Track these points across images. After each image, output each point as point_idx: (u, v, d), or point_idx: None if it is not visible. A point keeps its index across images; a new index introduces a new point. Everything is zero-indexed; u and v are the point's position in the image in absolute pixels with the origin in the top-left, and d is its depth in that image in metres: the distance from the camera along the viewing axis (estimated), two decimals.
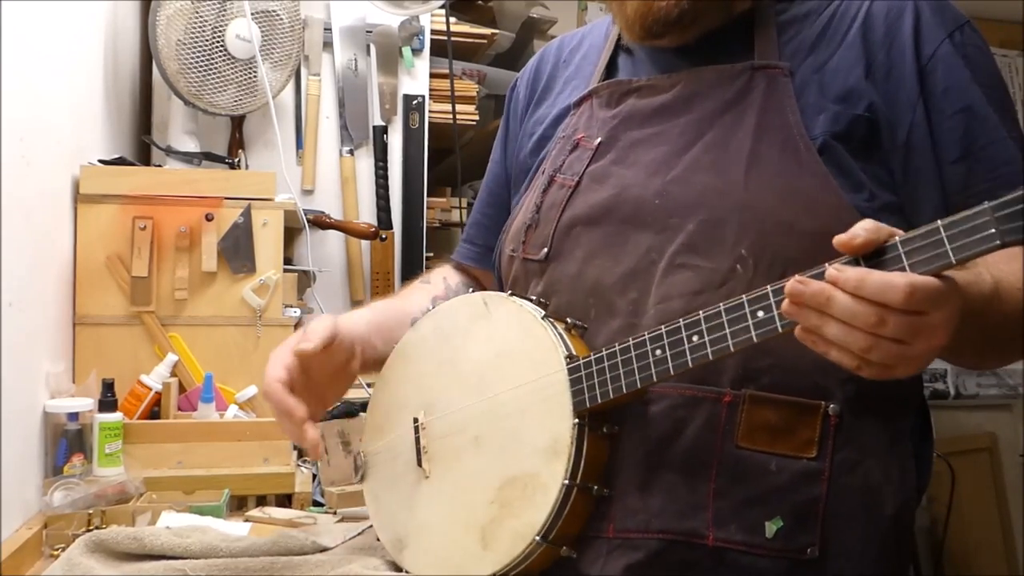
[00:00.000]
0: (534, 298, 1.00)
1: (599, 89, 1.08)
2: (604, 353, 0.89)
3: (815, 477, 0.88)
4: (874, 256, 0.73)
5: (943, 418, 3.28)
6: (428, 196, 2.28)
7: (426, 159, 2.25)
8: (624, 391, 0.87)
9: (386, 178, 2.20)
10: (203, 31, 1.89)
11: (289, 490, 1.53)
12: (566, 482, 0.88)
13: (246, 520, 1.39)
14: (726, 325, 0.80)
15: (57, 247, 1.57)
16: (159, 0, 1.86)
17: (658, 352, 0.85)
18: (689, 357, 0.83)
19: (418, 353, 1.09)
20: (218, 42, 1.90)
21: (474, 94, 2.36)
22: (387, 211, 2.20)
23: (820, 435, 0.88)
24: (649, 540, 0.90)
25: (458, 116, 2.26)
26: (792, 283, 0.73)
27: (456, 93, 2.26)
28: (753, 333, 0.78)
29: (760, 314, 0.78)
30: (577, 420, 0.89)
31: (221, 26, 1.89)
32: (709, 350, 0.81)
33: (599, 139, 1.04)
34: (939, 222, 0.70)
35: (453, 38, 2.25)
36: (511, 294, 1.01)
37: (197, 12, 1.88)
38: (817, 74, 0.95)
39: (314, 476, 1.61)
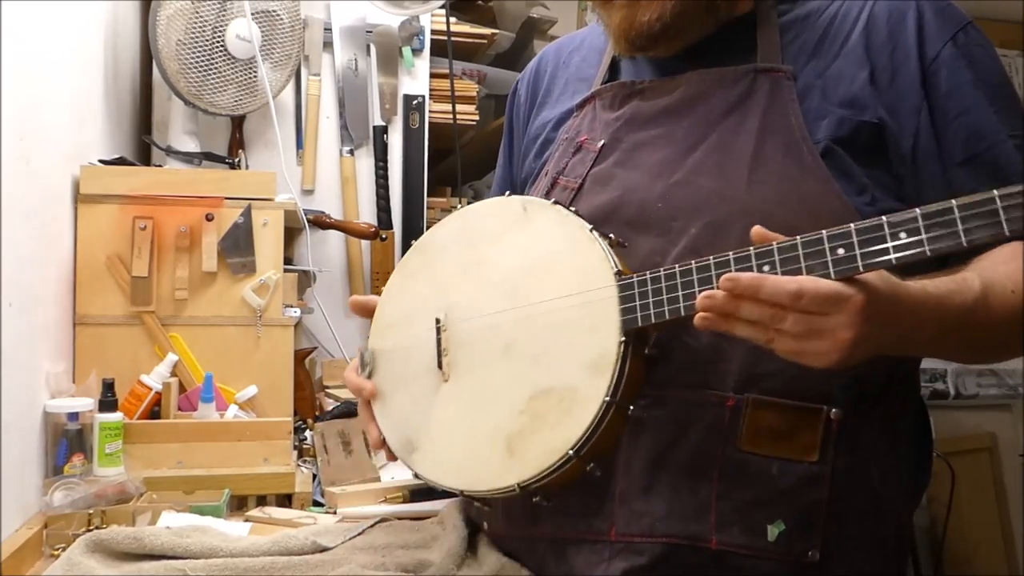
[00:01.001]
0: (575, 209, 0.97)
1: (602, 91, 1.08)
2: (662, 273, 0.87)
3: (817, 480, 0.88)
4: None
5: (943, 418, 3.28)
6: (428, 196, 2.28)
7: (426, 159, 2.25)
8: (682, 313, 0.85)
9: (386, 178, 2.20)
10: (203, 31, 1.89)
11: (289, 490, 1.53)
12: (607, 399, 0.87)
13: (246, 520, 1.39)
14: (802, 259, 0.78)
15: (57, 247, 1.57)
16: (159, 0, 1.86)
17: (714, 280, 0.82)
18: None
19: (442, 253, 1.05)
20: (218, 42, 1.90)
21: (474, 94, 2.36)
22: (387, 211, 2.20)
23: (822, 439, 0.88)
24: (652, 544, 0.90)
25: (458, 116, 2.26)
26: (701, 298, 0.80)
27: (456, 93, 2.26)
28: (832, 269, 0.77)
29: (841, 251, 0.76)
30: (624, 338, 0.88)
31: (221, 26, 1.89)
32: None
33: (602, 141, 1.03)
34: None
35: (453, 38, 2.24)
36: (555, 202, 0.98)
37: (197, 12, 1.88)
38: (820, 78, 0.95)
39: (314, 476, 1.61)
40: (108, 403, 1.48)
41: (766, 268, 0.79)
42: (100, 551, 1.08)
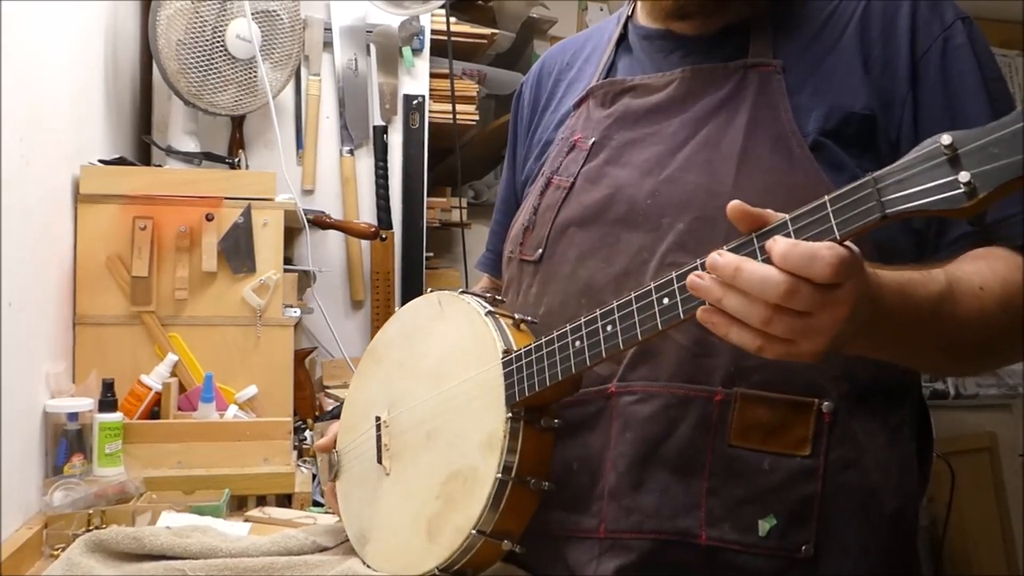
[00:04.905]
0: (489, 295, 1.00)
1: (595, 89, 1.08)
2: (532, 345, 0.89)
3: (809, 475, 0.88)
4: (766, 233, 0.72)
5: (943, 418, 3.28)
6: (428, 196, 2.28)
7: (426, 159, 2.25)
8: (548, 383, 0.87)
9: (386, 178, 2.20)
10: (203, 31, 1.89)
11: (289, 490, 1.53)
12: (499, 476, 0.88)
13: (246, 520, 1.40)
14: (635, 314, 0.79)
15: (57, 247, 1.57)
16: (159, 0, 1.86)
17: (577, 343, 0.84)
18: (603, 347, 0.82)
19: (386, 353, 1.11)
20: (218, 42, 1.90)
21: (474, 94, 2.36)
22: (387, 211, 2.20)
23: (814, 433, 0.88)
24: (641, 540, 0.90)
25: (458, 116, 2.27)
26: (712, 255, 0.72)
27: (456, 93, 2.26)
28: (658, 320, 0.77)
29: (665, 300, 0.77)
30: (511, 414, 0.89)
31: (221, 26, 1.90)
32: (620, 339, 0.80)
33: (593, 139, 1.04)
34: (825, 197, 0.68)
35: (453, 38, 2.25)
36: (462, 292, 1.02)
37: (197, 12, 1.88)
38: (813, 72, 0.95)
39: (314, 476, 1.61)
40: (108, 403, 1.49)
41: (657, 302, 0.77)
42: (100, 551, 1.08)
